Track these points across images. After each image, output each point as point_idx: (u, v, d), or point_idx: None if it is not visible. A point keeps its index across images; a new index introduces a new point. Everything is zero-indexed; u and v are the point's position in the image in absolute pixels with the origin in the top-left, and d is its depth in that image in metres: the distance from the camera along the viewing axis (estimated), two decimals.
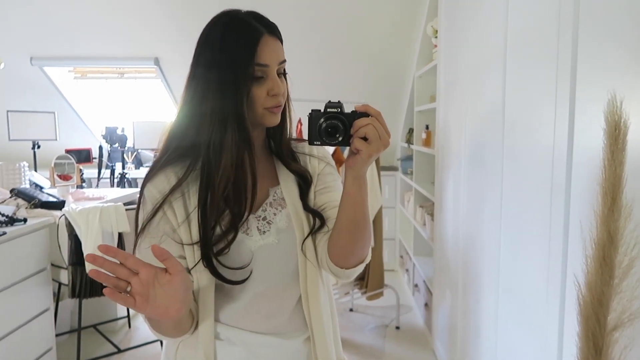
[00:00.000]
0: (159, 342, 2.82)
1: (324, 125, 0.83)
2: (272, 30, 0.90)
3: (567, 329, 1.18)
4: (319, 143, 0.84)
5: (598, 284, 0.61)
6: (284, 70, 0.94)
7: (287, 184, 1.00)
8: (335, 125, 0.83)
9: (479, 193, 1.92)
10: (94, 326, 2.96)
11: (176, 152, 0.92)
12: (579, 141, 1.14)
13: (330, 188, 1.02)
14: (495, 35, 1.70)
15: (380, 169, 3.16)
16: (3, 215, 2.12)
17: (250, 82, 0.87)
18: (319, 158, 1.05)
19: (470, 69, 2.06)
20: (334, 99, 0.86)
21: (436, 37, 2.96)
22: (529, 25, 1.44)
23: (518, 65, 1.53)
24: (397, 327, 3.17)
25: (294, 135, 1.05)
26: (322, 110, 0.84)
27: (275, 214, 0.96)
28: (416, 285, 3.49)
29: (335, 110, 0.84)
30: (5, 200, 2.42)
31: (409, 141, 3.96)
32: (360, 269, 0.98)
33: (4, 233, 2.00)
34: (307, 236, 0.96)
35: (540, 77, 1.33)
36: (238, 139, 0.87)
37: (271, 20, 0.92)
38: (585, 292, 0.63)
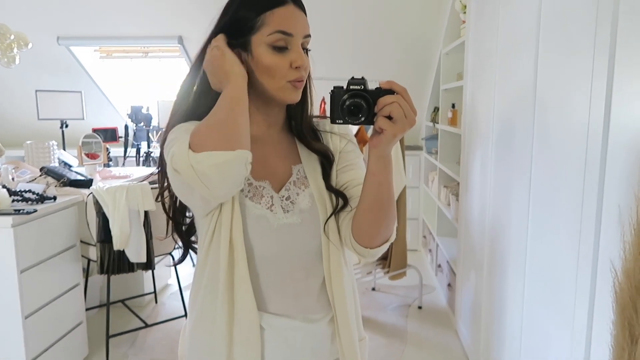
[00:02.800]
0: (184, 318, 2.88)
1: (346, 103, 0.80)
2: (297, 1, 0.89)
3: (597, 314, 1.15)
4: (341, 122, 0.81)
5: (637, 272, 0.58)
6: (307, 46, 0.92)
7: (310, 163, 0.99)
8: (359, 103, 0.79)
9: (508, 173, 1.87)
10: (122, 301, 3.04)
11: (189, 112, 0.92)
12: (616, 121, 1.09)
13: (352, 166, 1.00)
14: (528, 10, 1.63)
15: (404, 148, 3.11)
16: (34, 193, 2.17)
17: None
18: (341, 135, 1.03)
19: (501, 46, 1.99)
20: (358, 76, 0.83)
21: (465, 12, 2.87)
22: (565, 1, 1.37)
23: (552, 41, 1.46)
24: (420, 307, 3.17)
25: (316, 113, 1.03)
26: (345, 88, 0.81)
27: (298, 194, 0.95)
28: (439, 266, 3.47)
29: (359, 87, 0.80)
30: (35, 179, 2.48)
31: (434, 120, 3.89)
32: (385, 247, 0.96)
33: (35, 210, 2.05)
34: (330, 216, 0.95)
35: (576, 54, 1.28)
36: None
37: None
38: (622, 279, 0.60)
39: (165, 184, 0.98)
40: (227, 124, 0.79)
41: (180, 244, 1.03)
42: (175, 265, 1.14)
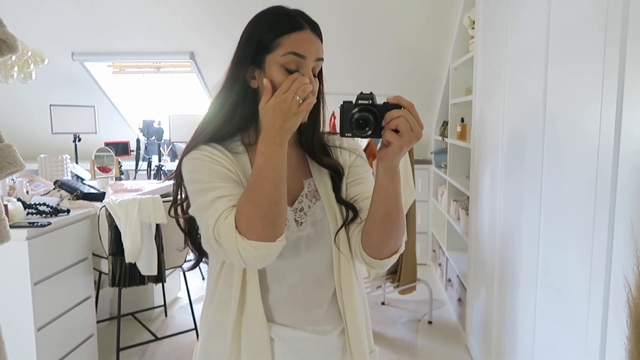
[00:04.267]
0: (194, 332, 2.88)
1: (355, 117, 0.83)
2: (315, 28, 0.93)
3: (610, 329, 1.14)
4: (350, 135, 0.84)
5: None
6: (321, 70, 0.95)
7: (320, 177, 1.01)
8: (366, 117, 0.82)
9: (518, 188, 1.87)
10: (132, 314, 3.05)
11: (211, 133, 0.95)
12: (627, 136, 1.09)
13: (361, 179, 1.03)
14: (537, 26, 1.65)
15: (414, 162, 3.12)
16: (48, 206, 2.20)
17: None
18: (350, 150, 1.06)
19: (510, 61, 2.00)
20: (366, 91, 0.85)
21: (473, 28, 2.89)
22: (574, 16, 1.38)
23: (561, 57, 1.48)
24: (430, 322, 3.15)
25: (327, 129, 1.06)
26: (354, 102, 0.84)
27: (310, 207, 0.97)
28: (449, 280, 3.44)
29: (367, 102, 0.83)
30: (49, 192, 2.52)
31: (443, 134, 3.90)
32: (394, 259, 0.97)
33: (49, 223, 2.07)
34: (340, 228, 0.97)
35: (586, 70, 1.29)
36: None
37: (306, 11, 0.94)
38: (636, 294, 0.60)
39: (179, 198, 1.00)
40: (271, 207, 0.82)
41: (194, 253, 1.05)
42: (186, 271, 1.17)
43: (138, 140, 4.20)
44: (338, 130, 0.87)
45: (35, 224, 2.03)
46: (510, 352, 1.96)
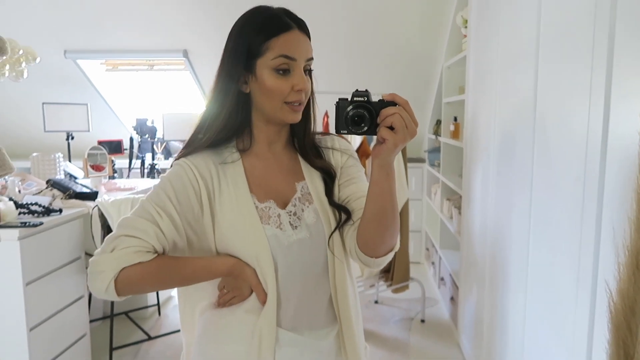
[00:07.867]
0: None
1: (350, 113, 0.83)
2: (302, 26, 0.93)
3: (596, 333, 1.16)
4: (346, 132, 0.85)
5: (630, 292, 0.59)
6: (310, 68, 0.95)
7: (313, 180, 1.01)
8: (362, 114, 0.83)
9: (509, 187, 1.89)
10: (126, 313, 3.05)
11: (210, 136, 0.96)
12: (613, 138, 1.10)
13: (354, 180, 1.03)
14: (528, 25, 1.66)
15: (407, 160, 3.13)
16: (40, 205, 2.19)
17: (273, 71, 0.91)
18: (342, 151, 1.06)
19: (501, 60, 2.01)
20: (362, 89, 0.86)
21: (466, 27, 2.90)
22: (564, 16, 1.39)
23: (551, 56, 1.49)
24: (422, 320, 3.16)
25: (320, 129, 1.06)
26: (349, 99, 0.85)
27: (303, 210, 0.98)
28: (442, 279, 3.46)
29: (362, 99, 0.84)
30: (42, 191, 2.51)
31: (436, 133, 3.91)
32: (389, 257, 0.98)
33: (41, 223, 2.07)
34: (334, 231, 0.97)
35: (575, 70, 1.30)
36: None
37: (299, 11, 0.95)
38: (617, 299, 0.61)
39: None
40: (154, 288, 0.97)
41: None
42: None
43: (131, 139, 4.18)
44: (332, 128, 0.88)
45: (27, 223, 2.03)
46: (500, 351, 1.97)
